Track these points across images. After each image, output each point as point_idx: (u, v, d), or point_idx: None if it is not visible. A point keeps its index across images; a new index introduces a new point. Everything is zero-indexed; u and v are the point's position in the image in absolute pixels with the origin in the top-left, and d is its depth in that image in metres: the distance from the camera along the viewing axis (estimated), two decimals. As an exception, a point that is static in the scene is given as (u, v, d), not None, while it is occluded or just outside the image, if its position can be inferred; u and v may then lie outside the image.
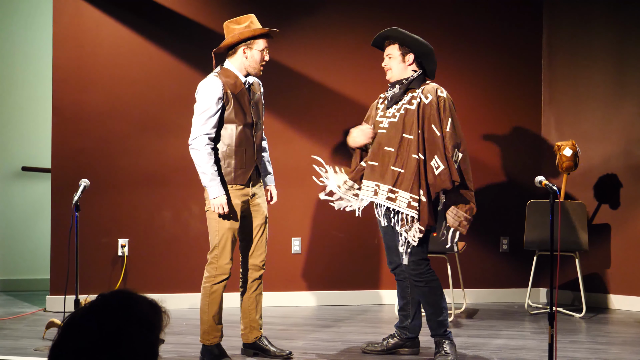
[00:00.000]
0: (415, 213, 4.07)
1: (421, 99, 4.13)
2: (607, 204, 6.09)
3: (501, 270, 6.31)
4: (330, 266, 6.06)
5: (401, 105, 4.18)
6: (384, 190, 4.16)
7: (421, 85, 4.20)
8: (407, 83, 4.19)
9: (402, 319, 4.40)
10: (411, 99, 4.17)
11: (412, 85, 4.19)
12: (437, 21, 6.20)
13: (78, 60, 5.70)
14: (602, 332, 5.18)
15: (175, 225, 5.81)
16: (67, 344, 1.54)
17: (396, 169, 4.12)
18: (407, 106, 4.16)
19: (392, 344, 4.40)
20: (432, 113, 4.10)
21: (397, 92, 4.20)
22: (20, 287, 6.57)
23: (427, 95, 4.14)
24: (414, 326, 4.38)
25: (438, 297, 4.20)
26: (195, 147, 4.07)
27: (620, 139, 6.05)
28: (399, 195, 4.10)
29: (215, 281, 4.13)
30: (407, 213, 4.08)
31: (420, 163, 4.08)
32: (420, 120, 4.10)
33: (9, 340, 4.68)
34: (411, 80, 4.19)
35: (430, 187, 4.09)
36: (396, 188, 4.11)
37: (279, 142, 5.72)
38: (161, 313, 1.61)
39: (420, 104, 4.13)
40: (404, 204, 4.08)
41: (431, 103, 4.11)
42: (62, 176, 5.63)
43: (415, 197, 4.07)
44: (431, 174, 4.08)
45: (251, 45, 4.12)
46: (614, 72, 6.09)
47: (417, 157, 4.08)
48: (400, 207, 4.09)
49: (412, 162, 4.08)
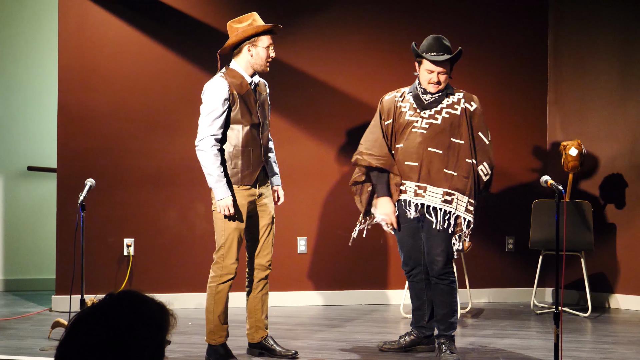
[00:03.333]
0: (472, 217, 4.15)
1: (466, 106, 4.21)
2: (613, 204, 6.08)
3: (507, 270, 6.30)
4: (336, 266, 6.06)
5: (441, 109, 4.21)
6: (437, 192, 4.16)
7: (455, 90, 4.27)
8: (445, 91, 4.25)
9: (418, 318, 4.44)
10: (453, 103, 4.23)
11: (449, 90, 4.27)
12: (442, 22, 6.19)
13: (84, 60, 5.70)
14: (607, 332, 5.17)
15: (180, 225, 5.82)
16: (74, 343, 1.54)
17: (450, 171, 4.16)
18: (450, 110, 4.21)
19: (409, 342, 4.43)
20: (479, 121, 4.21)
21: (438, 99, 4.23)
22: (25, 286, 6.58)
23: (470, 103, 4.23)
24: (431, 325, 4.40)
25: (455, 298, 4.29)
26: (201, 149, 4.07)
27: (625, 138, 6.04)
28: (456, 198, 4.15)
29: (221, 281, 4.13)
30: (464, 217, 4.14)
31: (474, 167, 4.19)
32: (469, 126, 4.19)
33: (15, 340, 4.69)
34: (447, 86, 4.27)
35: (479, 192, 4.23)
36: (453, 190, 4.15)
37: (284, 142, 5.72)
38: (169, 314, 1.61)
39: (466, 110, 4.21)
40: (462, 208, 4.14)
41: (476, 111, 4.23)
42: (67, 176, 5.64)
43: (472, 201, 4.15)
44: (480, 180, 4.21)
45: (255, 43, 4.12)
46: (620, 72, 6.08)
47: (470, 161, 4.17)
48: (459, 211, 4.14)
49: (467, 166, 4.17)
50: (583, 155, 5.73)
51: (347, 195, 6.09)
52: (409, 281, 4.43)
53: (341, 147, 6.06)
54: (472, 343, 4.71)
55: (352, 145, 6.10)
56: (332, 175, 6.05)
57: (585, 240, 5.67)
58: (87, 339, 1.53)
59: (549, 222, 5.61)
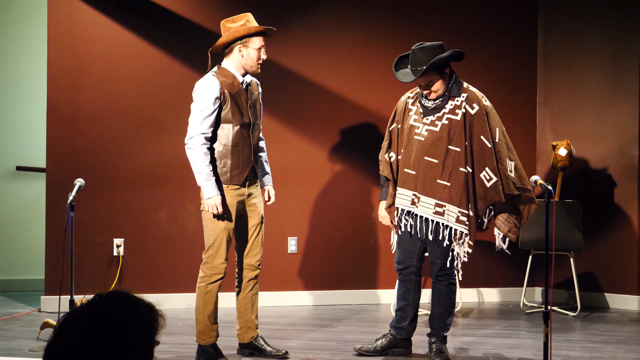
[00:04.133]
0: (465, 228, 4.06)
1: (467, 110, 4.07)
2: (602, 204, 6.10)
3: (497, 270, 6.31)
4: (326, 266, 6.06)
5: (443, 114, 4.10)
6: (429, 203, 4.10)
7: (461, 91, 4.12)
8: (448, 95, 4.11)
9: (399, 319, 4.39)
10: (455, 108, 4.09)
11: (453, 92, 4.12)
12: (431, 21, 6.20)
13: (73, 59, 5.68)
14: (596, 331, 5.20)
15: (170, 225, 5.81)
16: (63, 343, 1.54)
17: (443, 182, 4.06)
18: (451, 116, 4.08)
19: (386, 344, 4.38)
20: (481, 124, 4.05)
21: (440, 104, 4.11)
22: (14, 287, 6.55)
23: (472, 105, 4.08)
24: (411, 328, 4.38)
25: (453, 300, 4.26)
26: (191, 147, 4.06)
27: (615, 138, 6.06)
28: (447, 209, 4.06)
29: (210, 281, 4.13)
30: (456, 228, 4.07)
31: (469, 176, 4.05)
32: (467, 131, 4.05)
33: (3, 341, 4.67)
34: (450, 88, 4.11)
35: (480, 200, 4.07)
36: (444, 202, 4.06)
37: (275, 141, 5.72)
38: (158, 315, 1.61)
39: (467, 114, 4.07)
40: (453, 219, 4.06)
41: (478, 114, 4.07)
42: (56, 176, 5.62)
43: (464, 211, 4.05)
44: (481, 187, 4.06)
45: (247, 44, 4.11)
46: (609, 73, 6.11)
47: (465, 170, 4.05)
48: (449, 222, 4.07)
49: (460, 175, 4.04)
50: (572, 155, 5.76)
51: (337, 195, 6.10)
52: (399, 279, 4.41)
53: (332, 147, 6.06)
54: (462, 343, 4.72)
55: (342, 144, 6.11)
56: (323, 175, 6.06)
57: (575, 240, 5.69)
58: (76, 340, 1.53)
59: (539, 222, 5.62)
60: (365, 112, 6.12)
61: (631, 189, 5.97)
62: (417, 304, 4.35)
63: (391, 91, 5.58)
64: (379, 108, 6.02)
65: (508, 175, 4.09)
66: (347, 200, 6.07)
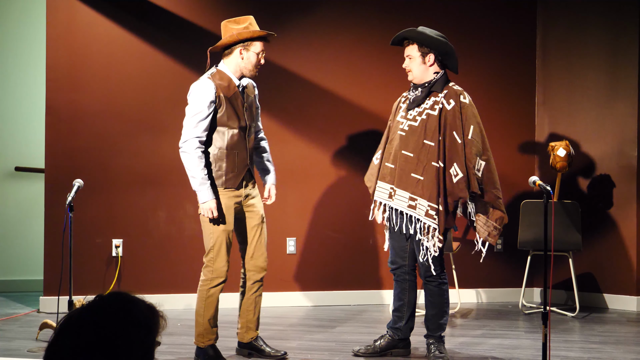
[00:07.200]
0: (433, 222, 4.05)
1: (443, 105, 4.09)
2: (601, 204, 6.11)
3: (495, 270, 6.32)
4: (325, 266, 6.06)
5: (423, 109, 4.13)
6: (404, 196, 4.12)
7: (444, 88, 4.13)
8: (429, 86, 4.13)
9: (396, 319, 4.39)
10: (434, 103, 4.12)
11: (435, 88, 4.13)
12: (431, 22, 6.18)
13: (72, 59, 5.68)
14: (595, 332, 5.20)
15: (169, 226, 5.81)
16: (63, 344, 1.54)
17: (416, 176, 4.09)
18: (430, 111, 4.11)
19: (385, 345, 4.38)
20: (454, 119, 4.06)
21: (419, 95, 4.15)
22: (13, 288, 6.55)
23: (449, 101, 4.09)
24: (407, 328, 4.39)
25: (445, 299, 4.25)
26: (185, 150, 4.04)
27: (613, 139, 6.07)
28: (418, 203, 4.08)
29: (212, 284, 4.11)
30: (424, 222, 4.07)
31: (440, 171, 4.05)
32: (442, 126, 4.07)
33: (2, 342, 4.67)
34: (433, 83, 4.13)
35: (449, 195, 4.06)
36: (416, 195, 4.08)
37: (274, 142, 5.69)
38: (159, 316, 1.61)
39: (443, 109, 4.08)
40: (422, 212, 4.07)
41: (453, 109, 4.08)
42: (55, 176, 5.61)
43: (433, 205, 4.04)
44: (449, 182, 4.05)
45: (248, 47, 4.10)
46: (608, 73, 6.11)
47: (437, 164, 4.05)
48: (419, 215, 4.08)
49: (432, 169, 4.05)
50: (571, 155, 5.76)
51: (336, 195, 6.10)
52: (394, 280, 4.42)
53: (331, 148, 6.07)
54: (460, 343, 4.72)
55: (341, 145, 6.11)
56: (322, 176, 6.06)
57: (574, 241, 5.70)
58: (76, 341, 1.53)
59: (538, 223, 5.64)
60: (365, 112, 6.12)
61: (630, 189, 5.98)
62: (413, 304, 4.35)
63: (391, 91, 5.58)
64: (378, 108, 6.03)
65: (475, 174, 4.06)
66: (345, 201, 6.07)
